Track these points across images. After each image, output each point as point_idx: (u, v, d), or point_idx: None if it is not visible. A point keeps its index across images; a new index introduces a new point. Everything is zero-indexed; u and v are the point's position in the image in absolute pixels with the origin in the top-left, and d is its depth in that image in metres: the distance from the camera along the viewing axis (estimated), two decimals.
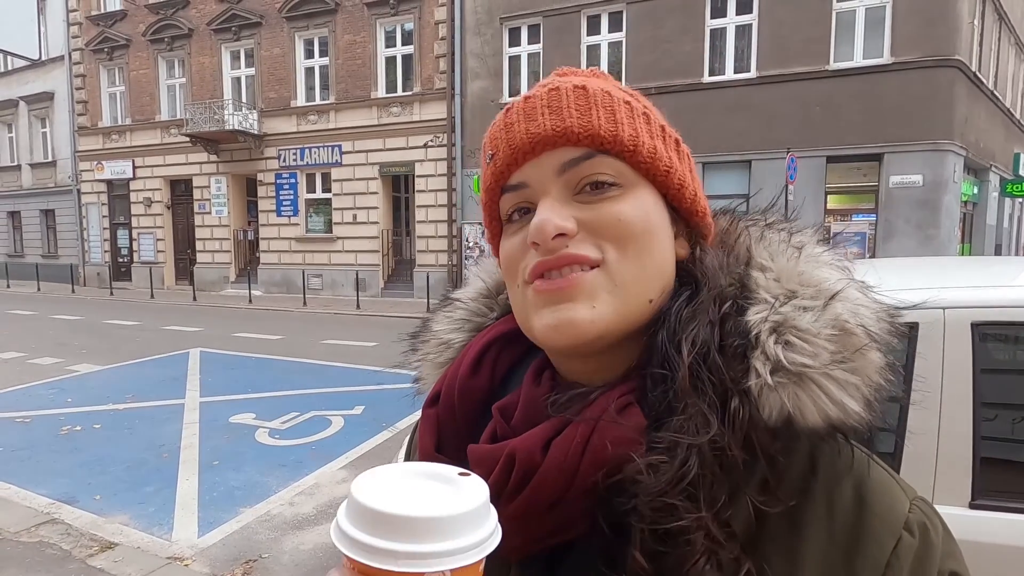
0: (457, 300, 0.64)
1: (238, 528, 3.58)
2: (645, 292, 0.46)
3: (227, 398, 6.39)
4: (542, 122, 0.46)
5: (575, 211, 0.45)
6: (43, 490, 4.11)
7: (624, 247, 0.45)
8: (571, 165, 0.46)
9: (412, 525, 0.30)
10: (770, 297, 0.45)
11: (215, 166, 17.75)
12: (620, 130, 0.46)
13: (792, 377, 0.41)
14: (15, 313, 13.70)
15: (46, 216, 21.97)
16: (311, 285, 16.05)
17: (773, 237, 0.50)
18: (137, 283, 18.89)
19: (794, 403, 0.40)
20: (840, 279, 0.45)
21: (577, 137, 0.45)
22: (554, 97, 0.47)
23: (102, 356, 8.66)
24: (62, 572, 3.04)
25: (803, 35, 11.33)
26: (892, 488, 0.44)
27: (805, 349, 0.41)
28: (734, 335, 0.43)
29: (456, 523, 0.31)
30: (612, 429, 0.43)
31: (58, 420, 5.70)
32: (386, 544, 0.29)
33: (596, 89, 0.47)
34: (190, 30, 17.60)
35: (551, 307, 0.45)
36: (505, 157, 0.48)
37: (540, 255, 0.45)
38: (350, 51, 15.62)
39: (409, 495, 0.32)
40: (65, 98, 20.11)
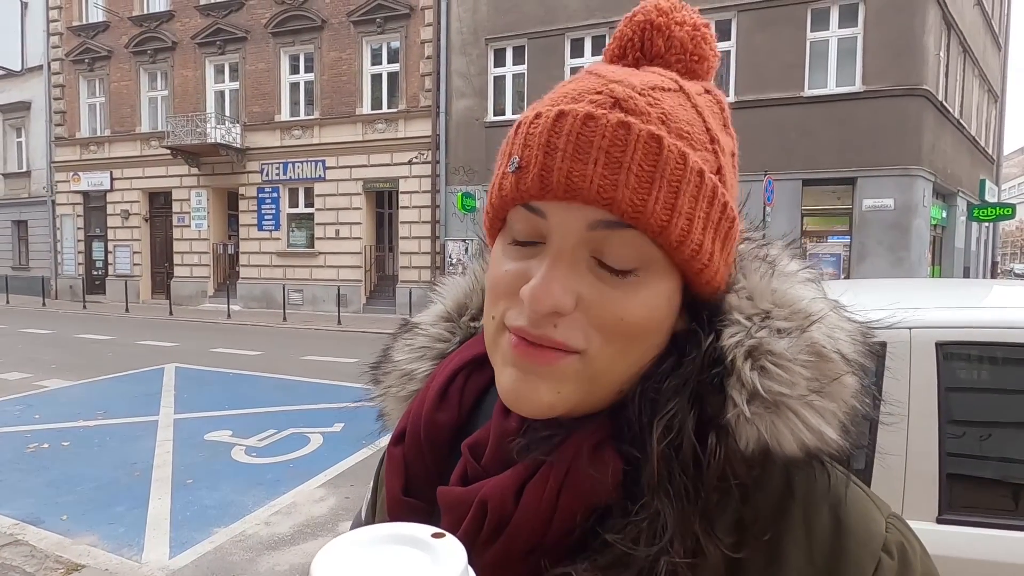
0: (417, 326, 0.60)
1: (211, 549, 3.49)
2: (618, 384, 0.42)
3: (203, 415, 6.25)
4: (591, 174, 0.39)
5: (581, 283, 0.40)
6: (6, 510, 3.96)
7: (612, 343, 0.41)
8: (602, 227, 0.40)
9: None
10: (743, 319, 0.42)
11: (196, 179, 17.55)
12: (673, 221, 0.39)
13: (769, 406, 0.39)
14: None
15: (18, 227, 21.45)
16: (292, 300, 15.87)
17: (744, 251, 0.47)
18: (112, 297, 18.47)
19: (771, 432, 0.39)
20: (815, 298, 0.43)
21: (623, 213, 0.39)
22: (618, 141, 0.39)
23: (73, 371, 8.42)
24: None
25: (779, 62, 11.72)
26: (869, 509, 0.43)
27: (781, 377, 0.39)
28: (710, 364, 0.41)
29: None
30: (586, 473, 0.41)
31: (24, 437, 5.51)
32: None
33: (671, 149, 0.39)
34: (174, 43, 17.52)
35: (518, 370, 0.42)
36: (534, 185, 0.40)
37: (524, 319, 0.41)
38: (336, 67, 15.69)
39: (375, 568, 0.29)
40: (42, 108, 19.78)
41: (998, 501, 1.59)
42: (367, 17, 15.19)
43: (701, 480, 0.39)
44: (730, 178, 0.44)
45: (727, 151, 0.44)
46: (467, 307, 0.59)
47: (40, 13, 19.43)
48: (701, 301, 0.44)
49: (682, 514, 0.39)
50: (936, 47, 11.71)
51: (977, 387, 1.70)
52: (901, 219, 11.14)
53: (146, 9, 18.07)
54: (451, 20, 14.56)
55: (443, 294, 0.60)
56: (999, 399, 1.68)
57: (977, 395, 1.69)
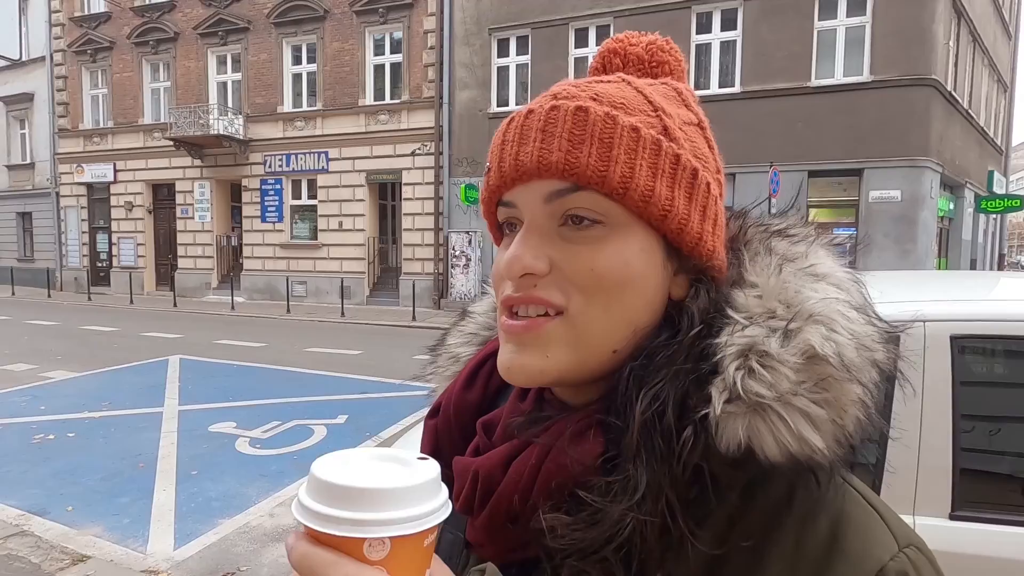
0: (471, 314, 0.65)
1: (216, 540, 3.50)
2: (608, 343, 0.44)
3: (207, 406, 6.27)
4: (531, 150, 0.44)
5: (553, 248, 0.44)
6: (12, 501, 3.98)
7: (591, 297, 0.43)
8: (556, 196, 0.43)
9: (355, 495, 0.32)
10: (741, 318, 0.42)
11: (199, 171, 17.53)
12: (611, 170, 0.42)
13: (749, 407, 0.38)
14: None
15: (23, 219, 21.51)
16: (295, 292, 15.88)
17: (774, 246, 0.47)
18: (116, 288, 18.52)
19: (751, 434, 0.38)
20: (826, 298, 0.41)
21: (562, 172, 0.43)
22: (551, 120, 0.44)
23: (78, 363, 8.45)
24: None
25: (786, 52, 11.57)
26: (875, 531, 0.40)
27: (764, 377, 0.38)
28: (701, 359, 0.42)
29: (398, 496, 0.33)
30: (564, 454, 0.43)
31: (30, 428, 5.54)
32: (331, 511, 0.32)
33: (598, 114, 0.43)
34: (176, 34, 17.45)
35: (510, 346, 0.46)
36: (495, 177, 0.47)
37: (510, 288, 0.45)
38: (338, 58, 15.59)
39: (363, 472, 0.34)
40: (45, 99, 19.75)
41: (1013, 497, 1.56)
42: (370, 7, 15.07)
43: (675, 458, 0.40)
44: (687, 139, 0.46)
45: (680, 119, 0.47)
46: None
47: (42, 3, 19.35)
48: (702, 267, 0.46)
49: (654, 480, 0.40)
50: (946, 36, 11.55)
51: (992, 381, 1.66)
52: (908, 211, 11.04)
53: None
54: (454, 10, 14.42)
55: None
56: (1015, 393, 1.65)
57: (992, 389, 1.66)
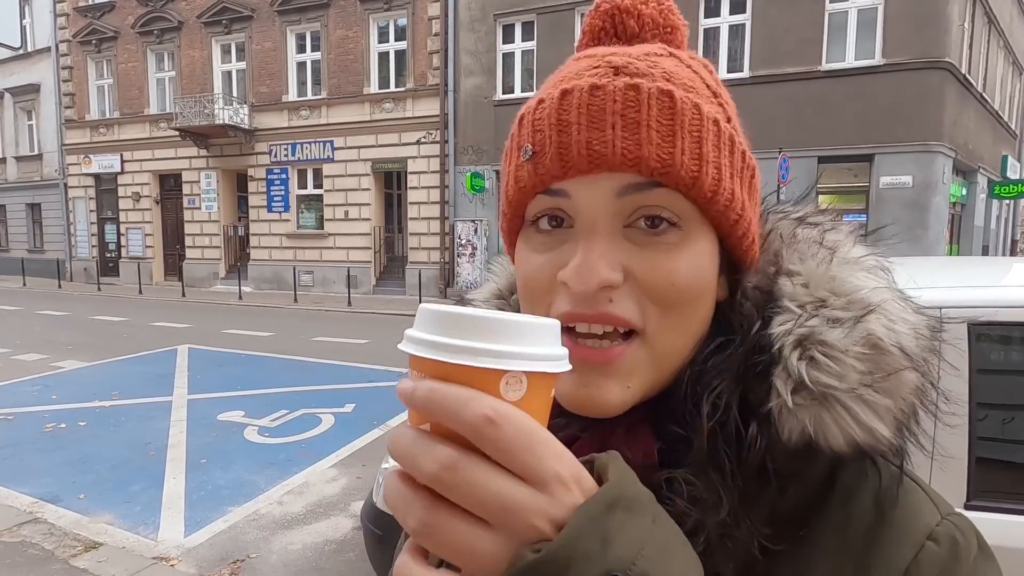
0: (471, 303, 0.60)
1: (225, 528, 3.53)
2: (680, 358, 0.42)
3: (216, 395, 6.31)
4: (611, 138, 0.38)
5: (624, 254, 0.39)
6: (26, 489, 4.04)
7: (668, 313, 0.40)
8: (632, 191, 0.39)
9: (489, 325, 0.29)
10: (796, 307, 0.40)
11: (205, 161, 17.55)
12: (703, 171, 0.39)
13: (815, 398, 0.37)
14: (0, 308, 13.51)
15: (32, 210, 21.65)
16: (302, 282, 15.94)
17: (805, 235, 0.46)
18: (125, 279, 18.66)
19: (817, 425, 0.37)
20: (877, 288, 0.41)
21: (651, 171, 0.38)
22: (631, 102, 0.38)
23: (88, 352, 8.54)
24: (44, 572, 2.98)
25: (796, 36, 11.37)
26: (920, 504, 0.40)
27: (831, 368, 0.37)
28: (756, 351, 0.40)
29: (532, 331, 0.30)
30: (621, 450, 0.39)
31: (42, 417, 5.60)
32: (463, 342, 0.28)
33: (684, 102, 0.39)
34: (180, 23, 17.38)
35: (580, 377, 0.40)
36: (553, 166, 0.40)
37: (574, 303, 0.39)
38: (342, 46, 15.49)
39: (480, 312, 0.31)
40: (52, 90, 19.80)
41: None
42: None
43: (741, 464, 0.38)
44: (742, 142, 0.44)
45: (731, 106, 0.44)
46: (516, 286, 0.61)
47: None
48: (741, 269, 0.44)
49: (723, 488, 0.38)
50: (960, 18, 11.28)
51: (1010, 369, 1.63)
52: (920, 197, 10.88)
53: None
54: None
55: (496, 272, 0.62)
56: None
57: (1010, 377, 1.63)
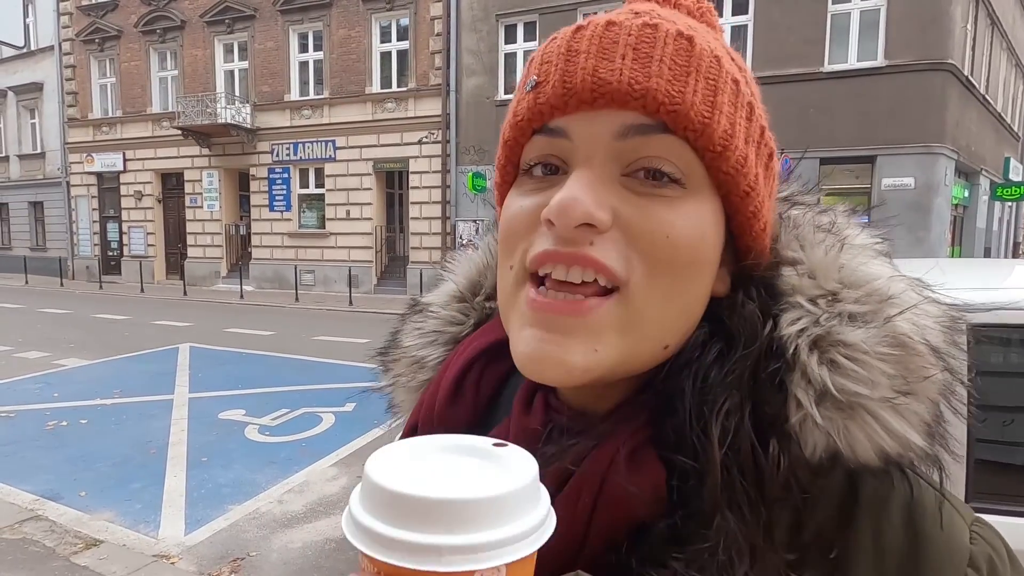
0: (427, 307, 0.54)
1: (226, 526, 3.54)
2: (663, 335, 0.36)
3: (217, 394, 6.32)
4: (620, 68, 0.34)
5: (616, 198, 0.35)
6: (27, 486, 4.04)
7: (658, 273, 0.35)
8: (636, 133, 0.35)
9: (459, 511, 0.23)
10: (806, 302, 0.36)
11: (207, 160, 17.58)
12: (715, 119, 0.35)
13: (842, 408, 0.34)
14: (2, 306, 13.51)
15: (34, 208, 21.69)
16: (303, 281, 15.95)
17: (799, 218, 0.41)
18: (127, 277, 18.69)
19: (844, 438, 0.34)
20: (893, 276, 0.37)
21: (658, 106, 0.34)
22: (646, 38, 0.35)
23: (90, 350, 8.55)
24: (45, 570, 2.99)
25: (798, 36, 11.37)
26: (952, 517, 0.36)
27: (858, 374, 0.33)
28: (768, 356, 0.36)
29: (510, 504, 0.24)
30: (623, 488, 0.34)
31: (44, 415, 5.61)
32: (423, 538, 0.23)
33: (704, 48, 0.36)
34: (183, 22, 17.40)
35: (541, 330, 0.35)
36: (554, 95, 0.36)
37: (552, 241, 0.35)
38: (345, 45, 15.50)
39: (443, 474, 0.26)
40: (55, 89, 19.83)
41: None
42: None
43: (763, 492, 0.34)
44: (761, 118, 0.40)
45: (755, 88, 0.41)
46: (481, 285, 0.54)
47: None
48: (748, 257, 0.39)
49: (746, 532, 0.33)
50: (963, 19, 11.28)
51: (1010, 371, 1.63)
52: (921, 198, 10.87)
53: None
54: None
55: (454, 271, 0.55)
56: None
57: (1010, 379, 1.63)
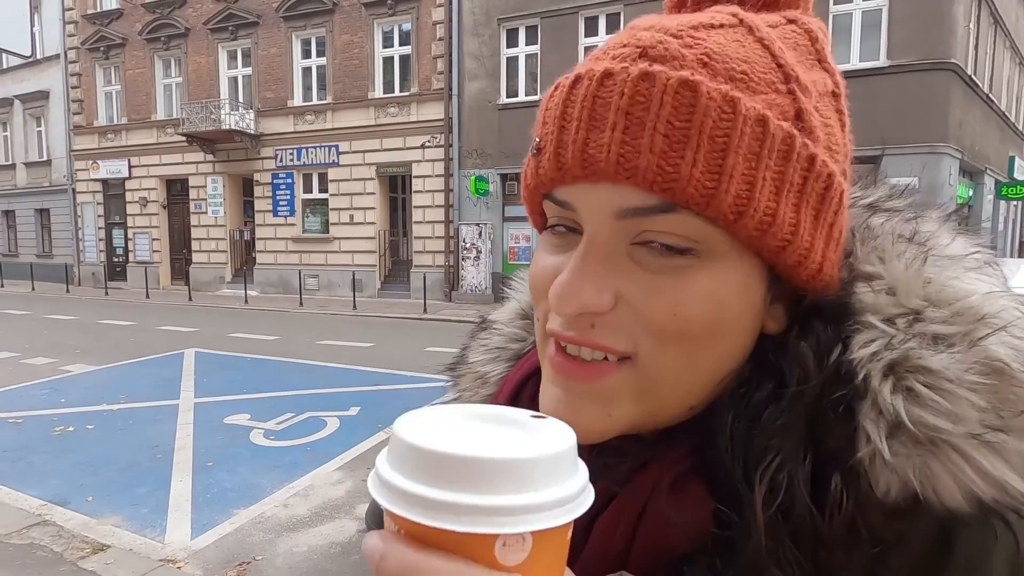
0: (493, 324, 0.54)
1: (232, 530, 3.55)
2: (685, 399, 0.35)
3: (222, 399, 6.34)
4: (608, 142, 0.32)
5: (621, 276, 0.34)
6: (35, 491, 4.07)
7: (669, 345, 0.34)
8: (634, 215, 0.33)
9: (480, 470, 0.22)
10: (881, 322, 0.33)
11: (211, 166, 17.68)
12: (722, 187, 0.31)
13: (921, 443, 0.30)
14: (9, 313, 13.61)
15: (41, 215, 21.84)
16: (307, 286, 16.00)
17: (884, 227, 0.37)
18: (132, 283, 18.79)
19: (924, 478, 0.30)
20: (991, 292, 0.33)
21: (650, 184, 0.32)
22: (640, 97, 0.32)
23: (96, 356, 8.60)
24: (53, 574, 3.00)
25: None
26: None
27: (939, 405, 0.30)
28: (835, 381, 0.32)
29: (538, 469, 0.23)
30: (667, 514, 0.33)
31: (51, 421, 5.64)
32: (445, 495, 0.22)
33: (712, 97, 0.31)
34: (187, 29, 17.54)
35: (560, 390, 0.36)
36: (551, 168, 0.35)
37: (559, 323, 0.36)
38: (347, 51, 15.59)
39: (471, 436, 0.25)
40: (60, 97, 20.00)
41: None
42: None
43: (820, 543, 0.30)
44: (823, 125, 0.35)
45: (816, 91, 0.35)
46: None
47: (55, 2, 19.54)
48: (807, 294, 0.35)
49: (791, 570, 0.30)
50: (966, 18, 11.26)
51: None
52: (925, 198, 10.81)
53: None
54: (463, 1, 14.34)
55: (518, 289, 0.54)
56: None
57: None
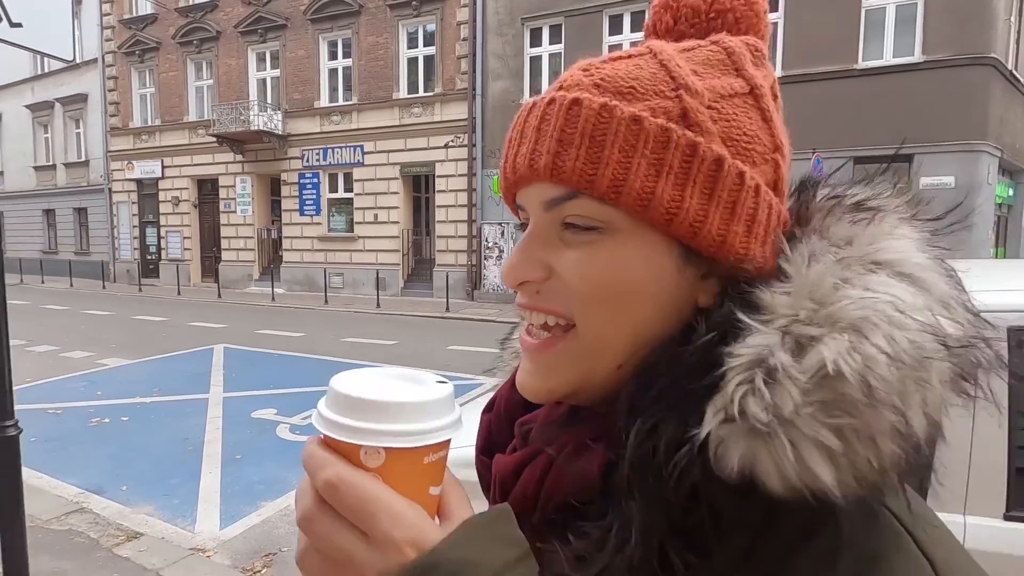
0: None
1: (259, 522, 3.64)
2: (614, 358, 0.42)
3: (250, 394, 6.49)
4: (525, 152, 0.42)
5: (552, 253, 0.43)
6: (73, 480, 4.23)
7: (590, 307, 0.41)
8: (553, 204, 0.42)
9: (357, 404, 0.34)
10: (757, 321, 0.36)
11: (240, 166, 18.07)
12: (599, 172, 0.39)
13: (748, 431, 0.34)
14: (49, 308, 14.13)
15: (79, 214, 22.61)
16: (332, 284, 16.24)
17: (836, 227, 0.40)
18: (165, 280, 19.33)
19: (748, 461, 0.34)
20: (864, 296, 0.35)
21: (550, 177, 0.41)
22: (546, 117, 0.42)
23: (131, 351, 8.87)
24: (89, 560, 3.12)
25: (830, 34, 11.11)
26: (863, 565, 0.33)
27: (764, 396, 0.34)
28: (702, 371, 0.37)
29: (397, 410, 0.34)
30: (563, 469, 0.42)
31: (88, 412, 5.85)
32: (336, 418, 0.34)
33: (592, 108, 0.40)
34: (218, 32, 17.95)
35: (527, 362, 0.46)
36: (504, 179, 0.46)
37: (520, 297, 0.45)
38: (373, 52, 15.77)
39: (373, 387, 0.36)
40: (98, 99, 20.68)
41: None
42: (403, 0, 15.18)
43: (667, 488, 0.36)
44: (720, 120, 0.40)
45: (715, 93, 0.41)
46: None
47: (94, 7, 20.21)
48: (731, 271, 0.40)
49: (647, 519, 0.37)
50: (1006, 12, 10.85)
51: None
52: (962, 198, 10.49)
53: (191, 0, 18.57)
54: (487, 1, 14.38)
55: None
56: None
57: None
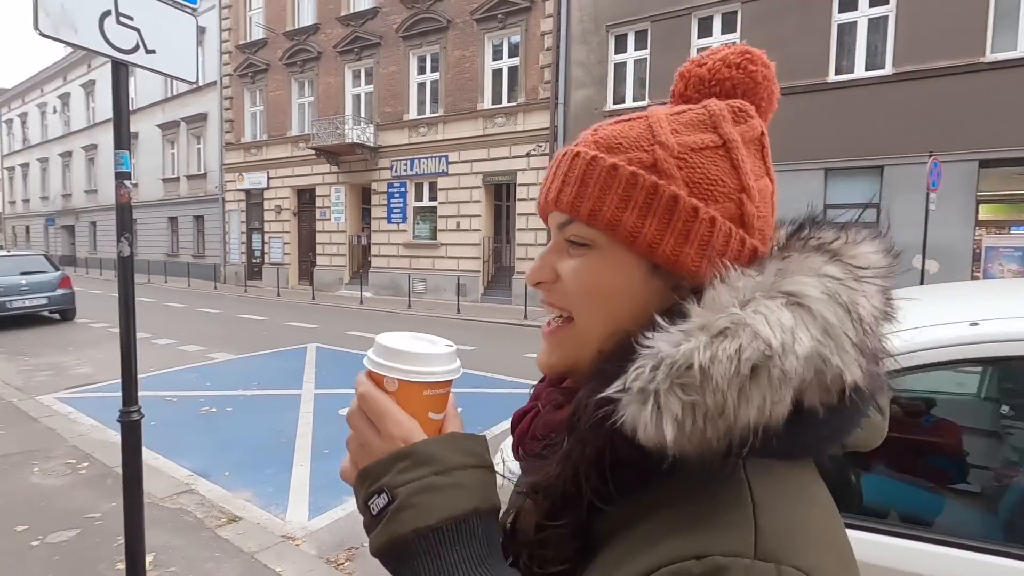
0: None
1: (343, 515, 3.81)
2: (596, 345, 0.53)
3: (338, 391, 6.84)
4: (547, 188, 0.56)
5: (561, 262, 0.55)
6: (184, 462, 4.65)
7: (581, 305, 0.54)
8: (561, 227, 0.55)
9: (384, 352, 0.53)
10: (670, 327, 0.46)
11: (335, 176, 19.25)
12: (583, 204, 0.52)
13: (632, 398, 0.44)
14: (170, 305, 15.74)
15: (197, 221, 25.05)
16: (416, 289, 16.84)
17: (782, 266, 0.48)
18: (266, 282, 20.94)
19: (632, 419, 0.43)
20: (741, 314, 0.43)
21: (556, 207, 0.55)
22: (560, 164, 0.55)
23: (236, 346, 9.67)
24: (196, 539, 3.41)
25: (950, 25, 10.07)
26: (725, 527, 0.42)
27: (643, 376, 0.44)
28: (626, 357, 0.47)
29: (408, 356, 0.52)
30: (545, 416, 0.58)
31: (198, 401, 6.43)
32: (374, 358, 0.54)
33: (584, 158, 0.53)
34: (319, 53, 19.28)
35: (544, 342, 0.58)
36: (538, 205, 0.60)
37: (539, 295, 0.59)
38: (459, 65, 16.27)
39: (401, 341, 0.54)
40: (216, 118, 22.87)
41: None
42: (489, 14, 15.54)
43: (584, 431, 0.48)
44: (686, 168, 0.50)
45: (685, 147, 0.51)
46: None
47: (214, 34, 22.44)
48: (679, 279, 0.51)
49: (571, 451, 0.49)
50: None
51: None
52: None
53: (297, 24, 20.09)
54: (571, 9, 14.39)
55: None
56: None
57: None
